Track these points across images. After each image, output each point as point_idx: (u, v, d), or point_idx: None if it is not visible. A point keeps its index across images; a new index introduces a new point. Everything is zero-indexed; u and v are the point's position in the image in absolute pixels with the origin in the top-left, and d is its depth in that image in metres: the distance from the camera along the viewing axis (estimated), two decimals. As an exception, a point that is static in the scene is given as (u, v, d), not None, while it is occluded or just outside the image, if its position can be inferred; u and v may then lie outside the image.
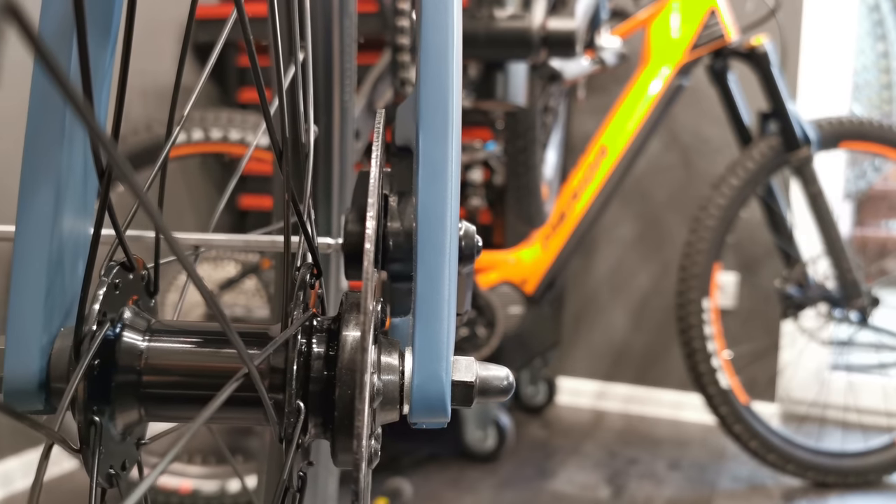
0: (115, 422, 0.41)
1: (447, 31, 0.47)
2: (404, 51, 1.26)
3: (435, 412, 0.44)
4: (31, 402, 0.40)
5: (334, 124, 0.77)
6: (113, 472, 0.40)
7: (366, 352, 0.39)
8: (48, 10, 0.41)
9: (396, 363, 0.44)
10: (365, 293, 0.40)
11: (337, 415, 0.41)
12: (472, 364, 0.45)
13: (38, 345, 0.40)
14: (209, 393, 0.41)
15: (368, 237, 0.41)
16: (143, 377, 0.41)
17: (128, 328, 0.41)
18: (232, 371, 0.39)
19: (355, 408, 0.40)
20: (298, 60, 0.50)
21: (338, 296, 0.86)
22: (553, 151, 2.26)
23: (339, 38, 0.75)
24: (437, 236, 0.45)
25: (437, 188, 0.46)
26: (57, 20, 0.41)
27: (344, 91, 0.77)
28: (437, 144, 0.46)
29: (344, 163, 0.79)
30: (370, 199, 0.42)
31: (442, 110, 0.46)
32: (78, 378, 0.37)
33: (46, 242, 0.40)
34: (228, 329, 0.36)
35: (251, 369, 0.37)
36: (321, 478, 0.86)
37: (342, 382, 0.41)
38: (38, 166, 0.41)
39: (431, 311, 0.44)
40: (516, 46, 1.30)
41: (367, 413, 0.40)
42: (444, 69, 0.47)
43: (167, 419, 0.43)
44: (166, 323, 0.43)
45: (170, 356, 0.42)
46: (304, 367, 0.42)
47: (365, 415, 0.39)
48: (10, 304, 0.40)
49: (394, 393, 0.43)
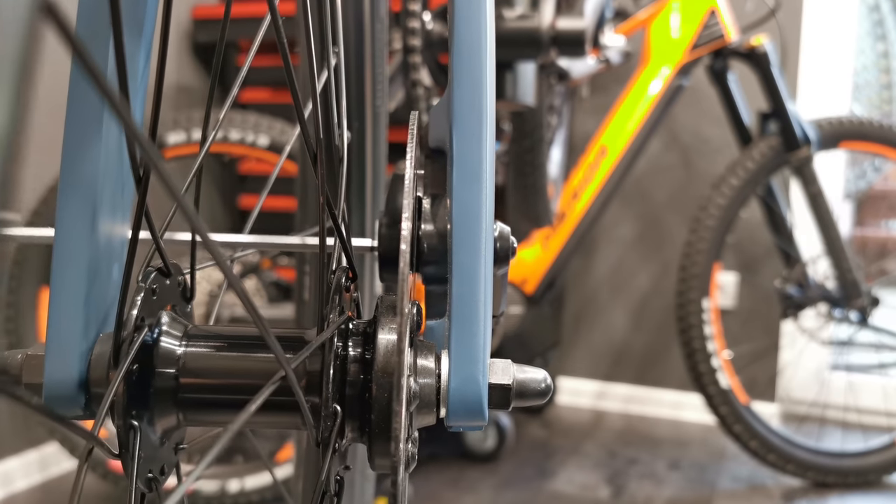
0: (153, 427, 0.40)
1: (480, 32, 0.47)
2: (415, 52, 1.25)
3: (472, 415, 0.43)
4: (70, 407, 0.40)
5: (367, 128, 0.76)
6: (152, 476, 0.40)
7: (402, 354, 0.39)
8: (84, 9, 0.41)
9: (433, 366, 0.43)
10: (401, 294, 0.40)
11: (374, 418, 0.41)
12: (509, 367, 0.44)
13: (78, 350, 0.40)
14: (246, 397, 0.40)
15: (404, 238, 0.40)
16: (181, 382, 0.40)
17: (165, 333, 0.41)
18: (269, 375, 0.39)
19: (392, 410, 0.40)
20: (331, 65, 0.49)
21: (372, 299, 0.86)
22: (558, 150, 2.26)
23: (370, 41, 0.74)
24: (473, 238, 0.45)
25: (471, 189, 0.45)
26: (92, 20, 0.41)
27: (376, 95, 0.77)
28: (471, 145, 0.46)
29: (377, 166, 0.79)
30: (405, 200, 0.42)
31: (476, 111, 0.46)
32: (117, 382, 0.37)
33: (85, 247, 0.40)
34: (266, 332, 0.35)
35: (288, 372, 0.37)
36: (357, 483, 0.86)
37: (378, 385, 0.41)
38: (75, 170, 0.41)
39: (467, 314, 0.44)
40: (526, 46, 1.30)
41: (404, 416, 0.39)
42: (477, 69, 0.47)
43: (205, 424, 0.43)
44: (203, 328, 0.43)
45: (207, 361, 0.41)
46: (340, 370, 0.42)
47: (402, 417, 0.39)
48: (49, 309, 0.40)
49: (431, 396, 0.43)
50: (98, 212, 0.41)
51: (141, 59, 0.43)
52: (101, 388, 0.39)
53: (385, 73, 0.79)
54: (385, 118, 0.80)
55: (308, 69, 0.42)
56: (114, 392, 0.37)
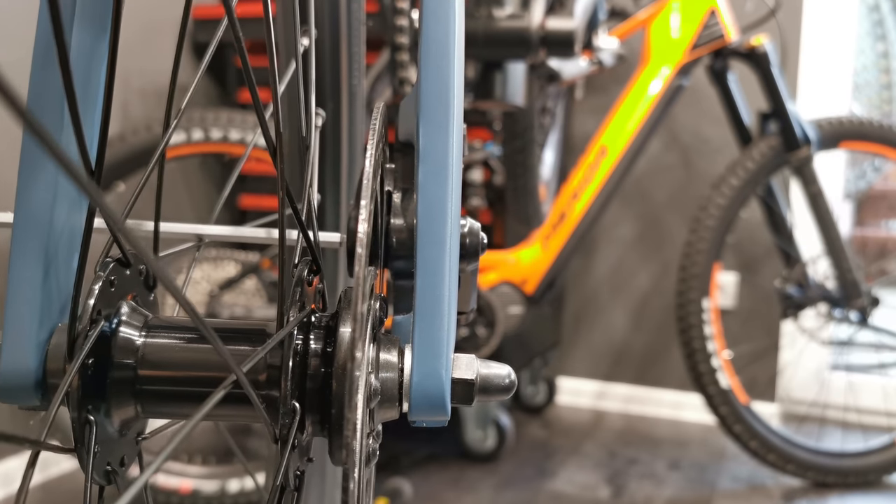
0: (111, 418, 0.40)
1: (448, 25, 0.47)
2: (403, 50, 1.25)
3: (435, 410, 0.43)
4: (26, 399, 0.40)
5: (343, 108, 0.76)
6: (111, 468, 0.40)
7: (356, 348, 0.39)
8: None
9: (395, 360, 0.43)
10: (356, 298, 0.39)
11: (333, 412, 0.40)
12: (472, 362, 0.44)
13: (35, 341, 0.40)
14: (207, 390, 0.40)
15: (360, 241, 0.40)
16: (140, 373, 0.40)
17: (124, 324, 0.41)
18: (229, 367, 0.38)
19: (344, 406, 0.39)
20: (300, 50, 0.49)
21: (333, 291, 0.85)
22: (551, 152, 2.25)
23: (346, 19, 0.73)
24: (438, 232, 0.44)
25: (438, 184, 0.45)
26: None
27: (352, 74, 0.76)
28: (437, 139, 0.46)
29: (353, 148, 0.78)
30: (362, 201, 0.41)
31: (443, 104, 0.46)
32: (72, 375, 0.37)
33: (43, 236, 0.40)
34: (211, 335, 0.35)
35: (239, 375, 0.36)
36: (329, 472, 0.85)
37: (338, 380, 0.41)
38: (35, 159, 0.40)
39: (431, 308, 0.44)
40: (515, 46, 1.30)
41: (361, 411, 0.39)
42: (444, 62, 0.46)
43: (164, 416, 0.43)
44: (164, 319, 0.43)
45: (166, 352, 0.41)
46: (300, 365, 0.42)
47: (360, 412, 0.39)
48: (7, 299, 0.40)
49: (393, 391, 0.43)
50: (57, 201, 0.41)
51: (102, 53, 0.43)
52: (57, 379, 0.39)
53: (362, 52, 0.79)
54: (362, 99, 0.79)
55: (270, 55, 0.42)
56: (68, 384, 0.37)
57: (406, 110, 0.51)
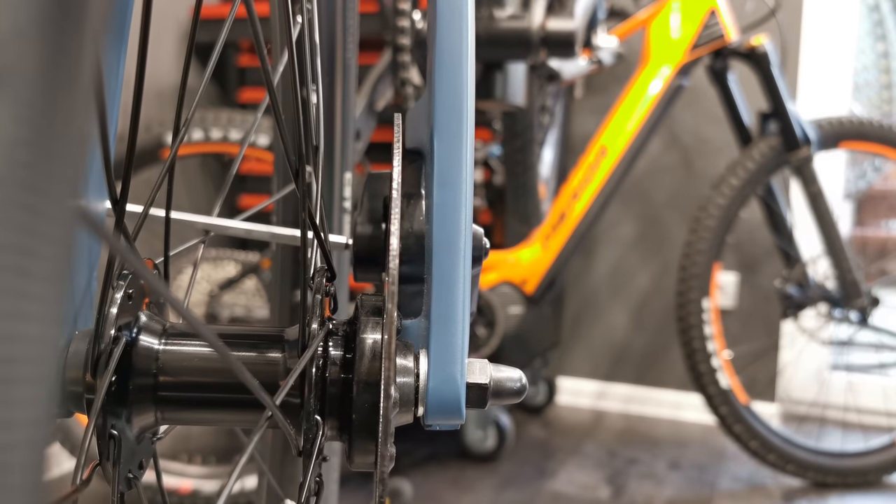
0: (131, 425, 0.40)
1: (462, 34, 0.47)
2: (405, 51, 1.26)
3: (450, 414, 0.44)
4: None
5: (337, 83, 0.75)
6: (131, 475, 0.40)
7: (391, 360, 0.39)
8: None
9: (412, 366, 0.44)
10: (390, 299, 0.40)
11: (355, 419, 0.41)
12: (486, 366, 0.45)
13: None
14: (225, 396, 0.41)
15: (392, 258, 0.40)
16: (160, 380, 0.41)
17: (144, 332, 0.41)
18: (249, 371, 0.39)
19: (380, 416, 0.40)
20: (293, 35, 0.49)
21: (342, 293, 0.85)
22: (550, 150, 2.26)
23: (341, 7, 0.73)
24: (452, 239, 0.45)
25: (451, 191, 0.45)
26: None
27: (347, 48, 0.76)
28: (451, 147, 0.46)
29: (346, 127, 0.77)
30: (394, 209, 0.42)
31: (457, 113, 0.46)
32: (103, 393, 0.37)
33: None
34: (241, 370, 0.35)
35: (270, 407, 0.37)
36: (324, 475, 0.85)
37: (361, 389, 0.41)
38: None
39: (447, 314, 0.44)
40: (516, 46, 1.30)
41: (392, 421, 0.40)
42: (458, 72, 0.47)
43: (183, 422, 0.43)
44: (181, 326, 0.43)
45: (186, 359, 0.41)
46: (321, 374, 0.42)
47: (390, 422, 0.39)
48: None
49: (409, 395, 0.43)
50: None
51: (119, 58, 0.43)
52: (76, 387, 0.39)
53: (357, 24, 0.78)
54: (354, 72, 0.79)
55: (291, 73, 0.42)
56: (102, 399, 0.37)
57: (414, 118, 0.52)
